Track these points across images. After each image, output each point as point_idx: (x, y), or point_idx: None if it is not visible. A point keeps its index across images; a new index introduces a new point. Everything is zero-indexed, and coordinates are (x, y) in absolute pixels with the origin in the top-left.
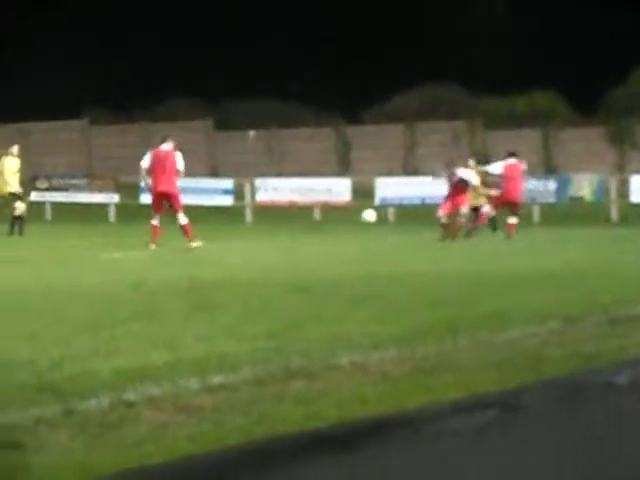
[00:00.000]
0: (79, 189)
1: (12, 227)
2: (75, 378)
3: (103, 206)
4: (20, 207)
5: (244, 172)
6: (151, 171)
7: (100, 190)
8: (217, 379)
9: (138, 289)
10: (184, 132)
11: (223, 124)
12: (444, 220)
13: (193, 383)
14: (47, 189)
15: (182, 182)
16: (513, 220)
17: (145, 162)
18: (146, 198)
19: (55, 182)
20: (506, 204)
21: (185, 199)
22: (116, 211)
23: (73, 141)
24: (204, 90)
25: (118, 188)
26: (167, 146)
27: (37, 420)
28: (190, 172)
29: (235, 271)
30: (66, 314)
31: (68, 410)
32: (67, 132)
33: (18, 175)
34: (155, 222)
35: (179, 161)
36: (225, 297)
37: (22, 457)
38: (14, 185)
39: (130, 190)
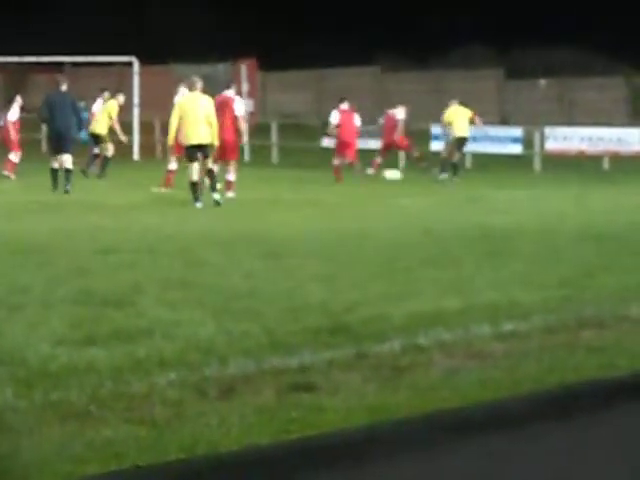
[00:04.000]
0: (370, 135)
1: (102, 167)
2: (368, 321)
3: None
4: (109, 148)
5: (534, 120)
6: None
7: None
8: (508, 326)
9: (429, 235)
10: (475, 80)
11: (514, 73)
12: None
13: (484, 329)
14: None
15: (473, 130)
16: None
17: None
18: (436, 145)
19: None
20: None
21: (476, 147)
22: (405, 158)
23: (365, 87)
24: (496, 38)
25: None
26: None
27: (331, 362)
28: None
29: (524, 219)
30: (359, 258)
31: (361, 353)
32: (359, 78)
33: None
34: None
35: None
36: (515, 245)
37: (316, 399)
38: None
39: (421, 137)
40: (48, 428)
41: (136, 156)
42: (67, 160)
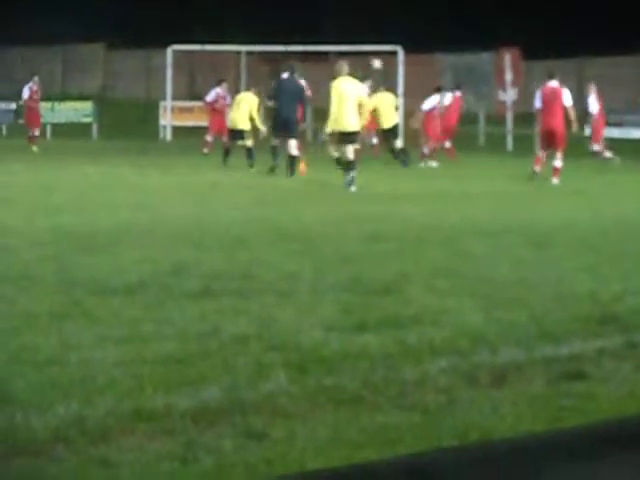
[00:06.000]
0: (634, 124)
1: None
2: (637, 311)
3: None
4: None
5: None
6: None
7: None
8: None
9: None
10: None
11: None
12: None
13: None
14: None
15: None
16: None
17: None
18: None
19: (612, 117)
20: None
21: None
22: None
23: (626, 76)
24: None
25: None
26: (554, 83)
27: (601, 351)
28: None
29: None
30: (624, 248)
31: (632, 342)
32: (620, 68)
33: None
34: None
35: (566, 97)
36: None
37: (588, 387)
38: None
39: None
40: (322, 413)
41: (399, 143)
42: (292, 146)
